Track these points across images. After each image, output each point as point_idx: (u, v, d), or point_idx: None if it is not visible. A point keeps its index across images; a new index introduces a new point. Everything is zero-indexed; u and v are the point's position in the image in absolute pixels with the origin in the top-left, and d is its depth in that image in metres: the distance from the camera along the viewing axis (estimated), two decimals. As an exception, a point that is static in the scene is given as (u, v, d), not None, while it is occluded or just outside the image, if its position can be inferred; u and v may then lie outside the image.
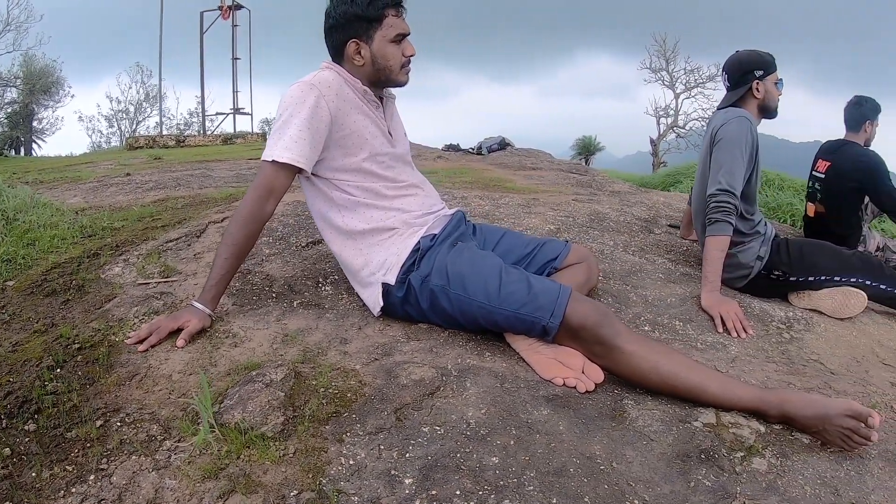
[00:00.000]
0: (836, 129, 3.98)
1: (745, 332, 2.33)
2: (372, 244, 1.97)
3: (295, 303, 2.10)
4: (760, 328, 2.40)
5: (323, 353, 1.76)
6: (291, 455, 1.31)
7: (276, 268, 2.39)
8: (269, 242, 2.67)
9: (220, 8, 15.21)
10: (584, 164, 20.84)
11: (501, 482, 1.25)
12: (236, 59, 15.24)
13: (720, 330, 2.33)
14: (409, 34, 1.97)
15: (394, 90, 2.13)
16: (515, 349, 1.84)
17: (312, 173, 1.96)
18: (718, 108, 2.95)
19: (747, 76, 2.82)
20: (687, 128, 24.90)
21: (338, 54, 1.98)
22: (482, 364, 1.74)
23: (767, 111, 2.89)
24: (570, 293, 1.75)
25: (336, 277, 2.29)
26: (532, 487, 1.25)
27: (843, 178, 3.70)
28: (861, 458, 1.53)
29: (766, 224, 2.90)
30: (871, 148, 3.82)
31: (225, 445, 1.33)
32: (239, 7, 15.21)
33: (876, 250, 3.80)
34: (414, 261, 1.92)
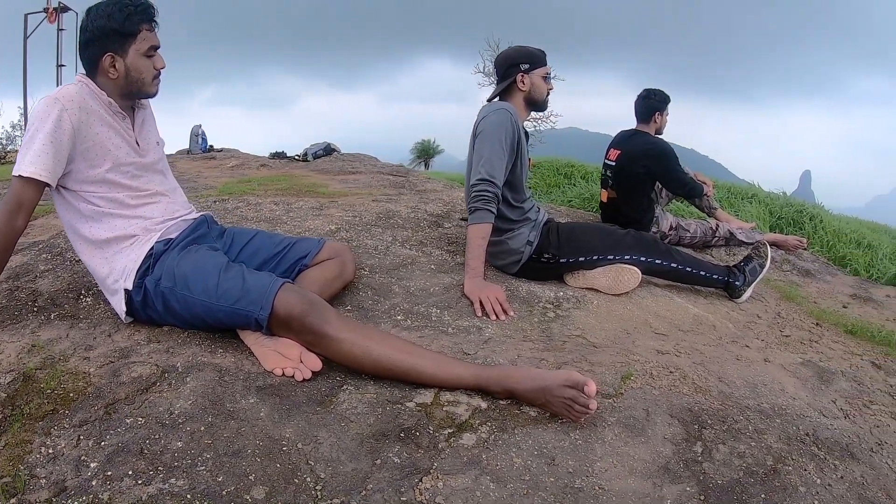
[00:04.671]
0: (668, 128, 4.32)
1: (506, 314, 2.41)
2: (115, 252, 2.06)
3: (52, 315, 2.20)
4: (525, 309, 2.51)
5: (65, 359, 1.89)
6: (1, 448, 1.46)
7: (47, 283, 2.46)
8: (47, 259, 2.73)
9: (46, 10, 14.24)
10: (423, 167, 21.00)
11: (176, 463, 1.42)
12: (61, 66, 14.26)
13: (479, 314, 2.39)
14: (160, 47, 2.09)
15: (146, 100, 2.23)
16: (246, 344, 1.99)
17: (61, 186, 2.03)
18: (487, 102, 3.05)
19: (511, 70, 2.91)
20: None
21: (93, 68, 2.05)
22: (212, 360, 1.91)
23: (535, 104, 2.99)
24: (279, 285, 1.88)
25: (98, 289, 2.38)
26: (203, 468, 1.40)
27: (633, 165, 4.01)
28: (595, 425, 1.62)
29: (538, 210, 3.03)
30: (661, 137, 4.16)
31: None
32: (66, 9, 14.21)
33: (669, 230, 4.13)
34: (148, 266, 2.04)
